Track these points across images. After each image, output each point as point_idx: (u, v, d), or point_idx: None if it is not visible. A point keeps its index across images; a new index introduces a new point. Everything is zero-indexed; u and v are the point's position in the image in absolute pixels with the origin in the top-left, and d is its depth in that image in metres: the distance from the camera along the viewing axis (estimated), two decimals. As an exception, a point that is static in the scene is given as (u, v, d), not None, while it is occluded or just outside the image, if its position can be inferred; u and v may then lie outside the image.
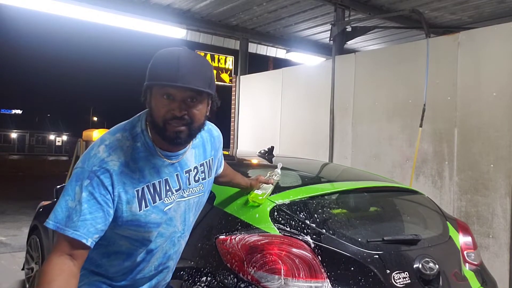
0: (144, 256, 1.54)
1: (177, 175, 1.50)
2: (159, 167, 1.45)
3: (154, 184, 1.43)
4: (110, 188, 1.34)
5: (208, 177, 1.68)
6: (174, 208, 1.52)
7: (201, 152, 1.63)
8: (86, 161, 1.35)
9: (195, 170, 1.58)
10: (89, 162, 1.34)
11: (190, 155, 1.56)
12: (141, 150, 1.42)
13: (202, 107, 1.41)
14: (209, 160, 1.67)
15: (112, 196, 1.35)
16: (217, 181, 1.92)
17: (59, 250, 1.28)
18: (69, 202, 1.30)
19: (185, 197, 1.56)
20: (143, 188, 1.41)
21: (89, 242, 1.30)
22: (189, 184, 1.56)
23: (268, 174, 2.17)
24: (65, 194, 1.32)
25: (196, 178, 1.59)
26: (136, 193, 1.39)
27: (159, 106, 1.36)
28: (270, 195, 2.10)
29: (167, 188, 1.47)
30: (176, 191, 1.50)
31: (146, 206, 1.42)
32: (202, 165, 1.62)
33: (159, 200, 1.45)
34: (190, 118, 1.38)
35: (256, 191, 2.08)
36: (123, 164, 1.37)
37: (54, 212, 1.31)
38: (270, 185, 2.11)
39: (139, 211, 1.40)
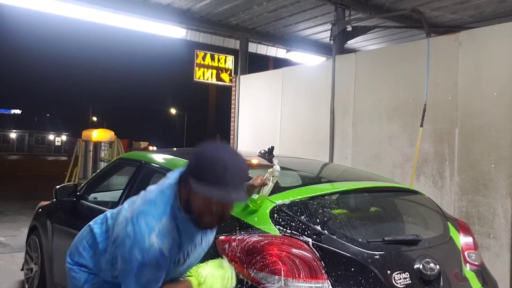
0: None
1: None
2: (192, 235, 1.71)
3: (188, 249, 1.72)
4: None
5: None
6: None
7: None
8: (146, 253, 1.53)
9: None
10: (148, 254, 1.53)
11: None
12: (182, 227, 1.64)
13: None
14: None
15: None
16: None
17: None
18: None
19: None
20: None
21: None
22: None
23: (267, 173, 2.13)
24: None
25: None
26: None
27: (207, 208, 1.57)
28: (269, 195, 2.09)
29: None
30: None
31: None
32: None
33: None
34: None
35: (253, 195, 2.07)
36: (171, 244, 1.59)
37: None
38: (269, 185, 2.09)
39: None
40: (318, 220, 2.05)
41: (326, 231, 2.00)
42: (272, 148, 3.19)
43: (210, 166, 1.51)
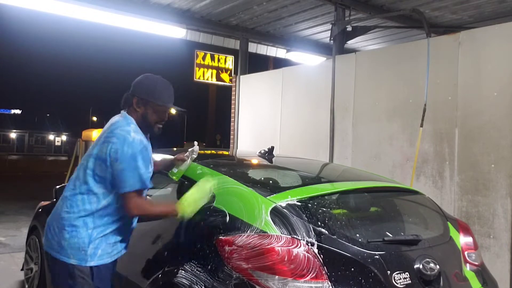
0: None
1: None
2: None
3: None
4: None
5: None
6: None
7: None
8: (133, 144, 2.09)
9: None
10: (135, 144, 2.09)
11: None
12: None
13: None
14: None
15: None
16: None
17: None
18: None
19: None
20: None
21: None
22: None
23: (188, 151, 2.53)
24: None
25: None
26: None
27: (156, 116, 2.27)
28: (185, 171, 2.50)
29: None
30: None
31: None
32: None
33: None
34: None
35: (173, 169, 2.53)
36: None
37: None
38: (187, 162, 2.50)
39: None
40: (318, 220, 2.05)
41: (326, 231, 2.00)
42: (272, 148, 3.19)
43: (162, 88, 2.24)
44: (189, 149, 2.54)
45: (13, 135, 55.98)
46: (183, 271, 2.10)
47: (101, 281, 2.15)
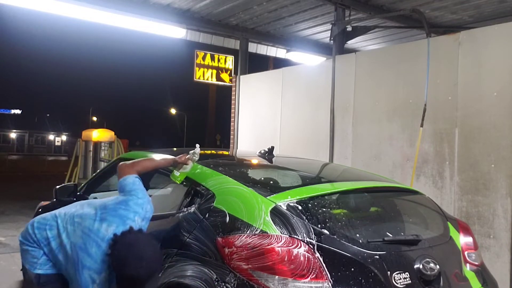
0: None
1: None
2: None
3: None
4: None
5: None
6: None
7: None
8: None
9: None
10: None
11: None
12: None
13: None
14: None
15: None
16: None
17: None
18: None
19: None
20: None
21: None
22: None
23: (189, 154, 2.52)
24: None
25: None
26: None
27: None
28: (187, 174, 2.50)
29: None
30: None
31: None
32: None
33: None
34: None
35: (175, 172, 2.51)
36: None
37: None
38: (189, 165, 2.50)
39: None
40: (318, 220, 2.05)
41: (326, 231, 2.00)
42: (272, 148, 3.19)
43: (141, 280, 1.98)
44: (191, 151, 2.53)
45: (13, 135, 55.94)
46: (183, 272, 2.10)
47: None
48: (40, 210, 4.16)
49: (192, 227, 2.22)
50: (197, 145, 2.59)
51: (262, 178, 2.72)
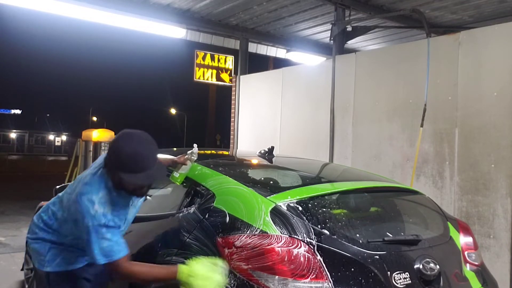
0: None
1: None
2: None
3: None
4: None
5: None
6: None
7: None
8: (94, 219, 1.94)
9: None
10: (96, 218, 1.94)
11: None
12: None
13: None
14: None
15: None
16: None
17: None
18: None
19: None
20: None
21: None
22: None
23: (188, 154, 2.50)
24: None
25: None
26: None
27: (133, 187, 2.01)
28: (187, 174, 2.50)
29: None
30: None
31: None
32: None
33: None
34: None
35: (174, 173, 2.50)
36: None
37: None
38: (188, 165, 2.49)
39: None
40: (318, 220, 2.05)
41: (326, 231, 2.00)
42: (272, 148, 3.19)
43: (127, 160, 1.92)
44: (188, 151, 2.52)
45: (13, 135, 55.95)
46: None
47: None
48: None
49: (192, 227, 2.22)
50: (195, 145, 2.58)
51: (262, 178, 2.72)
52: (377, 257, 1.98)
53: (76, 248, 2.20)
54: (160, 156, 2.75)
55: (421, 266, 2.05)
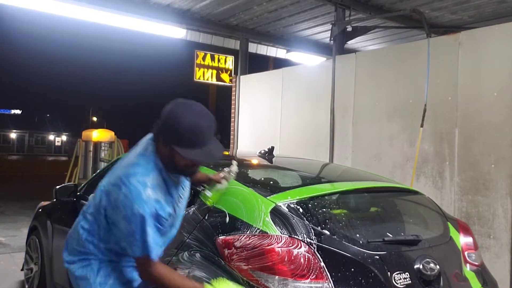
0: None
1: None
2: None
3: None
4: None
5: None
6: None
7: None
8: (146, 205, 1.68)
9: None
10: (148, 205, 1.69)
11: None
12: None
13: None
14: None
15: None
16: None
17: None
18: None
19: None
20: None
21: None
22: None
23: (224, 172, 2.20)
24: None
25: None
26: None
27: (188, 164, 1.77)
28: (221, 195, 2.17)
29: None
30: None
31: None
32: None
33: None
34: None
35: (207, 192, 2.16)
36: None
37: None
38: (224, 184, 2.17)
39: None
40: (318, 220, 2.05)
41: (326, 231, 2.00)
42: (272, 148, 3.19)
43: (187, 132, 1.68)
44: (226, 169, 2.19)
45: (13, 135, 55.95)
46: (183, 272, 2.10)
47: None
48: (40, 210, 4.17)
49: (192, 227, 2.22)
50: (234, 162, 2.24)
51: (262, 178, 2.72)
52: (377, 257, 1.99)
53: (126, 260, 1.91)
54: None
55: (421, 266, 2.05)
